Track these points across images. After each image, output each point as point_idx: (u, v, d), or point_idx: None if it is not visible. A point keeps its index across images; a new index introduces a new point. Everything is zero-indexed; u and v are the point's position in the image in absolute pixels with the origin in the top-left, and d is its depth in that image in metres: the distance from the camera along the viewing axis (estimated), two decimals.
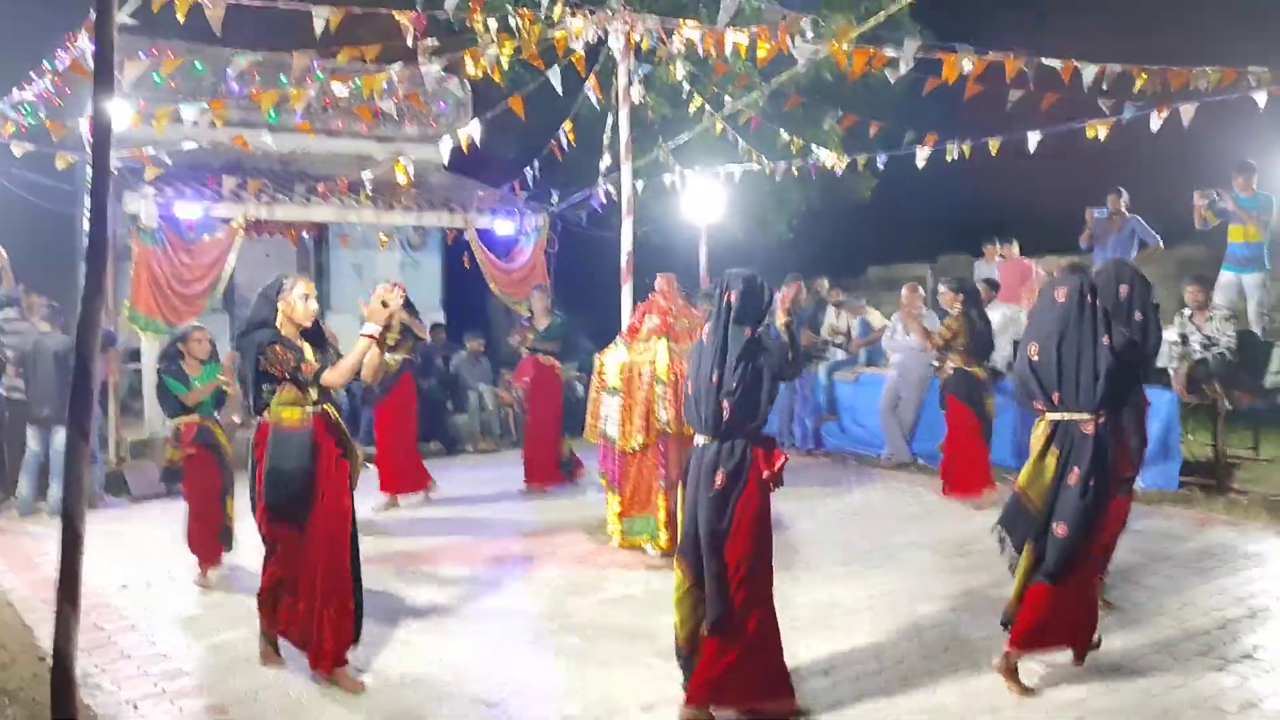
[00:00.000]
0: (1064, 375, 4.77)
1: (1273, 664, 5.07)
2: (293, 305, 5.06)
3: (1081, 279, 4.91)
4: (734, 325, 4.54)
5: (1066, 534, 4.70)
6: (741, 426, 4.48)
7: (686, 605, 4.55)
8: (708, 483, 4.46)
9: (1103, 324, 4.76)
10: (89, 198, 3.32)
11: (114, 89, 3.35)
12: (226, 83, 11.69)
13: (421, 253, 14.40)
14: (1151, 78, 7.85)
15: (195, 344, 7.10)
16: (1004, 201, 16.11)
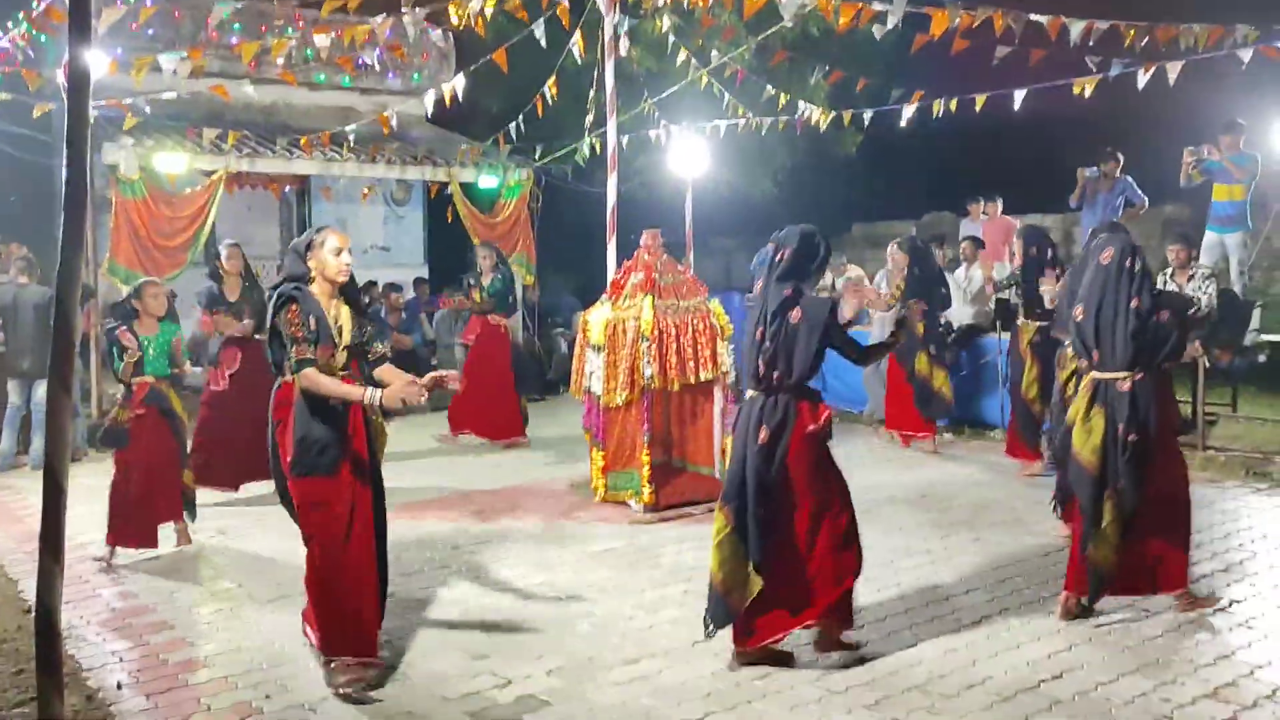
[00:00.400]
0: (1101, 335, 5.01)
1: (1248, 617, 5.15)
2: (324, 261, 4.60)
3: (1125, 241, 5.12)
4: (776, 283, 4.64)
5: (1125, 487, 4.94)
6: (781, 382, 4.58)
7: (726, 549, 4.65)
8: (754, 437, 4.59)
9: (1135, 286, 4.96)
10: (66, 148, 3.27)
11: (91, 36, 3.29)
12: (206, 32, 11.52)
13: (404, 206, 14.30)
14: (1138, 34, 7.80)
15: (151, 300, 6.46)
16: (989, 160, 16.12)
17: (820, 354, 4.59)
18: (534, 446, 9.92)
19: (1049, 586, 5.65)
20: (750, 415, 4.65)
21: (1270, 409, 9.20)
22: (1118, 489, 4.96)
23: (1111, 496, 4.99)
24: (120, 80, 8.59)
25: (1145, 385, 4.96)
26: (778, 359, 4.56)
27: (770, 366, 4.58)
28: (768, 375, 4.60)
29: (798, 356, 4.55)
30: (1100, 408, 5.03)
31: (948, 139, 14.85)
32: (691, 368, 7.36)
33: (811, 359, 4.56)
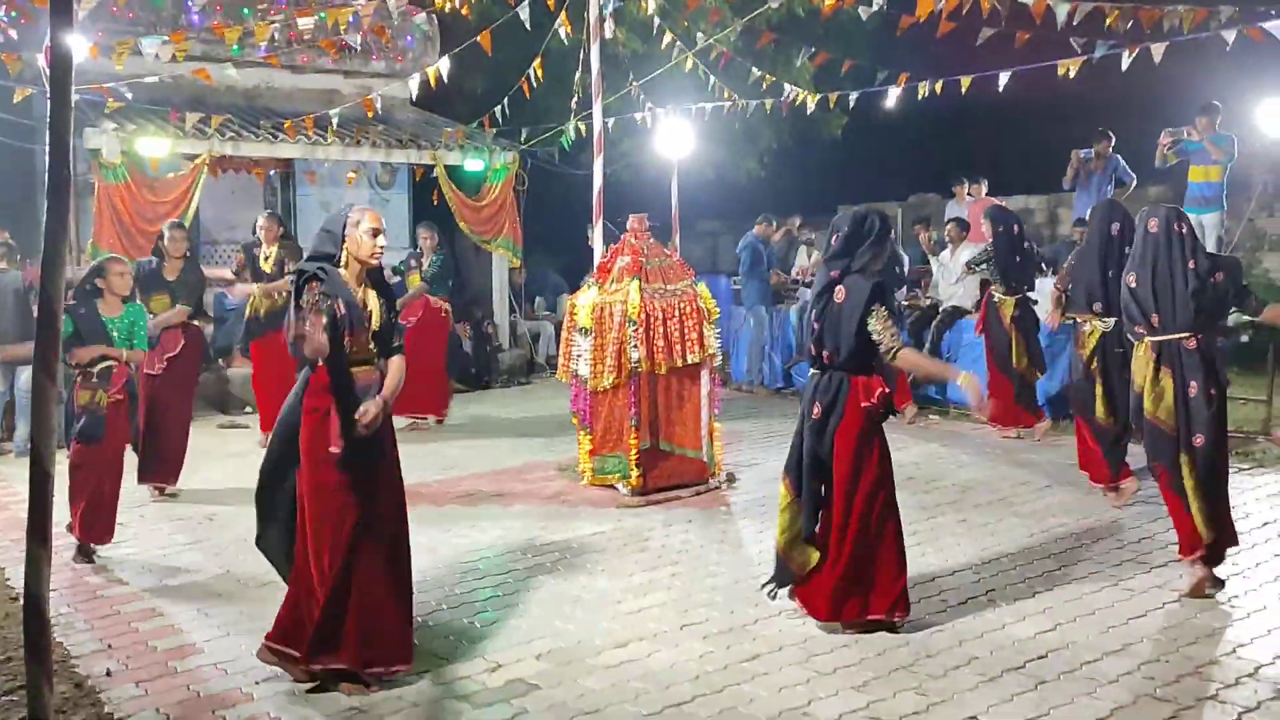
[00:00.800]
0: (1160, 299, 5.23)
1: (1229, 596, 5.20)
2: (358, 242, 4.38)
3: (1170, 211, 5.36)
4: (825, 264, 4.86)
5: (1203, 443, 5.14)
6: (833, 360, 4.75)
7: (786, 516, 4.91)
8: (808, 412, 4.84)
9: (1189, 250, 5.23)
10: (48, 134, 3.25)
11: (72, 20, 3.26)
12: (188, 15, 11.41)
13: (389, 190, 14.22)
14: (1123, 15, 7.81)
15: (116, 278, 6.15)
16: (975, 141, 16.15)
17: (862, 334, 4.68)
18: (521, 430, 9.92)
19: (1034, 567, 5.71)
20: (807, 392, 4.89)
21: (1253, 388, 9.26)
22: (1194, 446, 5.14)
23: (1188, 454, 5.16)
24: (101, 64, 8.51)
25: (1211, 343, 5.24)
26: (824, 338, 4.75)
27: (820, 346, 4.78)
28: (819, 354, 4.81)
29: (842, 336, 4.69)
30: (1167, 369, 5.22)
31: (933, 121, 14.87)
32: (679, 351, 7.36)
33: (854, 338, 4.67)
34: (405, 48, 13.48)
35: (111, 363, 6.08)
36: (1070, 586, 5.39)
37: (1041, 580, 5.49)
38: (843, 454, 4.74)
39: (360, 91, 12.25)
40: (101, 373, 6.06)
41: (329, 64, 12.92)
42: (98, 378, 6.06)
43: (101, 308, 6.12)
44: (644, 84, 11.48)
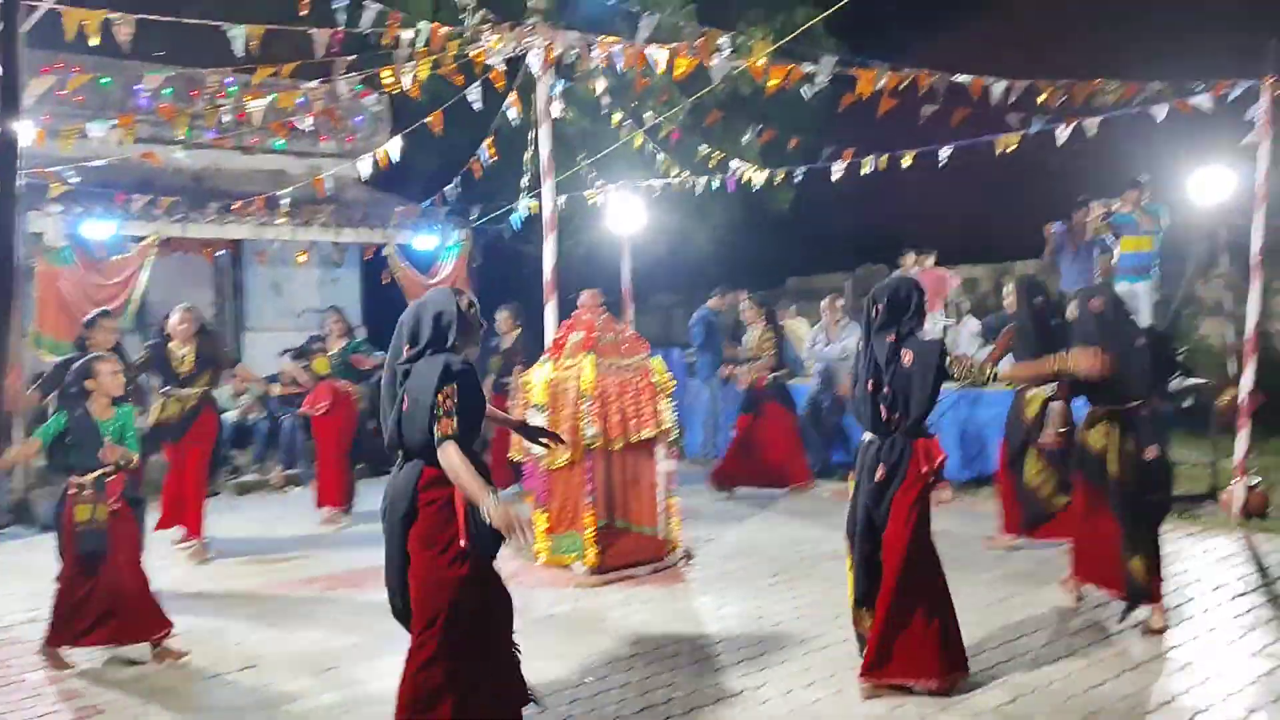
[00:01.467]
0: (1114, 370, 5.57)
1: (1185, 662, 5.23)
2: (474, 329, 4.31)
3: (1109, 291, 6.06)
4: (877, 333, 5.00)
5: (1156, 499, 5.75)
6: (899, 425, 4.93)
7: (851, 578, 5.11)
8: (870, 474, 4.97)
9: (1133, 328, 5.90)
10: None
11: (18, 110, 3.24)
12: (136, 99, 11.41)
13: (340, 269, 14.18)
14: (1056, 92, 8.07)
15: (108, 379, 5.74)
16: (920, 213, 16.45)
17: (935, 393, 4.92)
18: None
19: (996, 636, 5.70)
20: (867, 455, 5.04)
21: (1198, 452, 9.40)
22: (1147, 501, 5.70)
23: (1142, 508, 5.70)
24: (48, 148, 8.45)
25: (1155, 409, 5.81)
26: (895, 402, 4.91)
27: (891, 410, 4.92)
28: (889, 419, 4.94)
29: (914, 398, 4.89)
30: (1129, 434, 5.68)
31: (878, 194, 15.15)
32: (634, 426, 7.35)
33: (928, 399, 4.90)
34: (355, 127, 13.55)
35: (108, 470, 5.62)
36: (1027, 656, 5.38)
37: (999, 651, 5.48)
38: (899, 516, 4.90)
39: (310, 171, 12.27)
40: (96, 482, 5.59)
41: (279, 144, 12.94)
42: (93, 488, 5.59)
43: (93, 410, 5.69)
44: (594, 161, 11.61)
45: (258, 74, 7.48)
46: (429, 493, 4.12)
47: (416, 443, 4.12)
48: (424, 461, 4.13)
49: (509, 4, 9.80)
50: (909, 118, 8.72)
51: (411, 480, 4.15)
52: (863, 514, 5.00)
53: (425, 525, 4.12)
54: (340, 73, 7.69)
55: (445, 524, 4.09)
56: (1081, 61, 9.76)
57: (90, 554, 5.57)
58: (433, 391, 4.02)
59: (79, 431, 5.61)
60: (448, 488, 4.07)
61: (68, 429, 5.62)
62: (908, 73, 7.94)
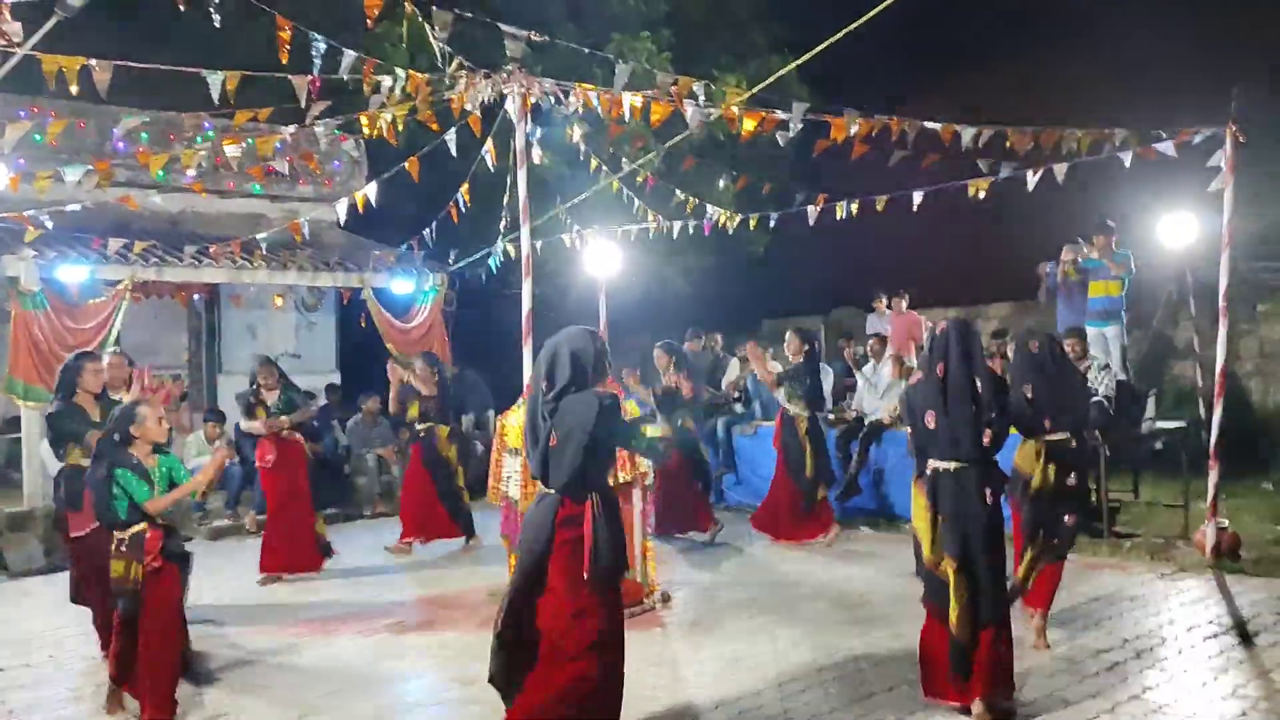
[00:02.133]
0: (1053, 406, 6.19)
1: (1160, 704, 5.24)
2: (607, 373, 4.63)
3: (1046, 335, 6.54)
4: (962, 364, 5.22)
5: (1074, 520, 6.31)
6: (996, 450, 5.27)
7: (967, 618, 5.12)
8: (976, 500, 5.14)
9: (1070, 368, 6.60)
10: None
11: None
12: (113, 142, 11.42)
13: (316, 313, 14.17)
14: (1024, 138, 8.21)
15: (153, 424, 5.35)
16: (893, 257, 16.64)
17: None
18: (450, 555, 9.73)
19: None
20: (960, 484, 5.17)
21: (1169, 494, 9.49)
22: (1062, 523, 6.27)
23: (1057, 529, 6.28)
24: (22, 192, 8.45)
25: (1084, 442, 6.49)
26: (1000, 431, 5.26)
27: (996, 437, 5.22)
28: (991, 445, 5.21)
29: (1003, 429, 5.34)
30: (1052, 462, 6.19)
31: (851, 238, 15.32)
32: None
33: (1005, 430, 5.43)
34: (332, 171, 13.60)
35: (143, 528, 5.26)
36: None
37: None
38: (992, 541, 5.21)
39: (287, 215, 12.29)
40: (132, 541, 5.24)
41: (256, 189, 12.96)
42: (128, 547, 5.24)
43: (138, 457, 5.32)
44: (571, 206, 11.69)
45: (236, 118, 7.49)
46: (564, 531, 4.38)
47: (562, 478, 4.38)
48: (565, 495, 4.40)
49: (486, 51, 9.92)
50: (881, 163, 8.86)
51: (550, 515, 4.41)
52: (982, 540, 5.12)
53: (563, 559, 4.37)
54: (317, 117, 7.72)
55: (580, 557, 4.34)
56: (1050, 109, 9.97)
57: (125, 614, 5.25)
58: (589, 427, 4.29)
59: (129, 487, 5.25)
60: (580, 525, 4.35)
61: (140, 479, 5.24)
62: (879, 120, 8.05)
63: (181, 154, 7.87)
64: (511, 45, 7.56)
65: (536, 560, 4.42)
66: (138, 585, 5.20)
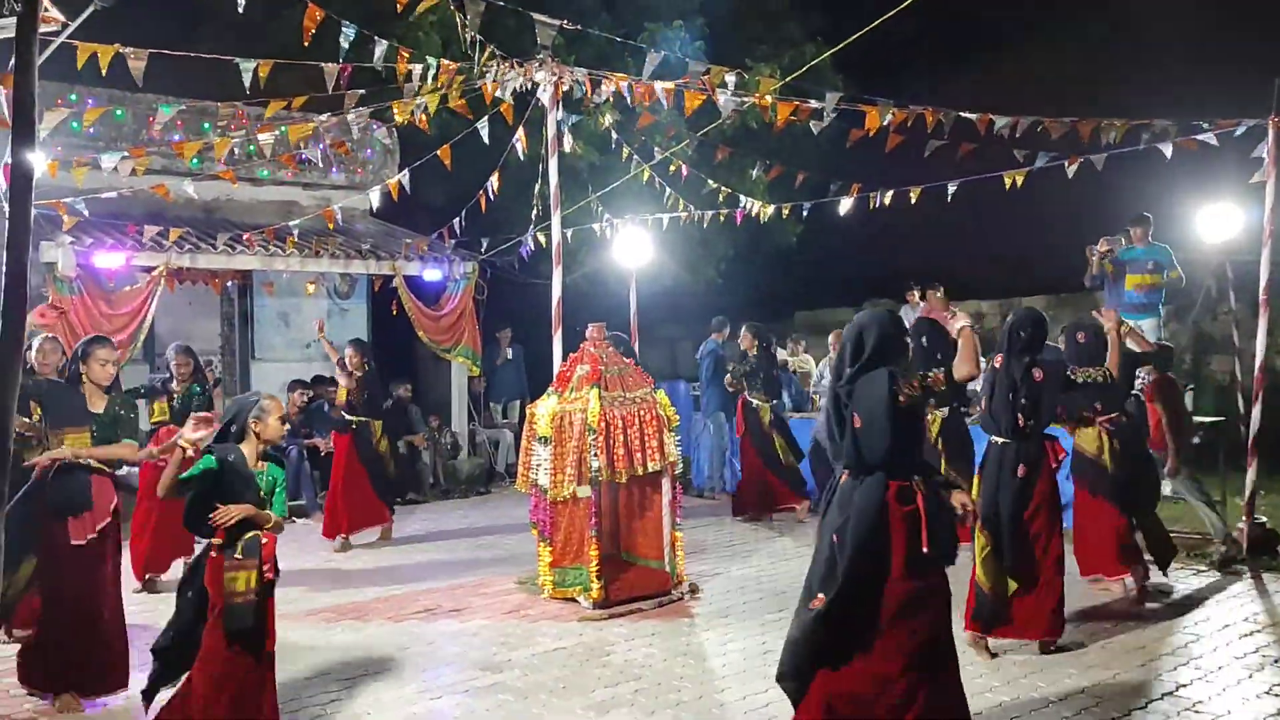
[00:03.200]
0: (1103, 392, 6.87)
1: (1194, 700, 5.18)
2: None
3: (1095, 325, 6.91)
4: (1018, 356, 6.08)
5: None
6: (1034, 430, 6.08)
7: (989, 565, 5.99)
8: (1011, 472, 6.03)
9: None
10: (7, 251, 3.24)
11: (34, 141, 3.28)
12: (149, 130, 11.51)
13: (348, 300, 14.24)
14: (1062, 128, 8.11)
15: (273, 424, 4.71)
16: (926, 248, 16.50)
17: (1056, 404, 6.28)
18: (480, 541, 9.77)
19: (997, 674, 5.65)
20: (1005, 456, 6.09)
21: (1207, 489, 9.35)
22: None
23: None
24: (61, 179, 8.52)
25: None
26: (1032, 411, 6.02)
27: (1028, 418, 6.02)
28: (1025, 425, 6.03)
29: (1044, 407, 6.09)
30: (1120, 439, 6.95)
31: (885, 228, 15.22)
32: (639, 459, 7.33)
33: (1054, 409, 6.27)
34: (365, 160, 13.64)
35: (257, 533, 4.58)
36: (1035, 693, 5.34)
37: (1006, 689, 5.43)
38: (1043, 502, 6.02)
39: (319, 203, 12.34)
40: (249, 545, 4.53)
41: (288, 176, 13.03)
42: (244, 553, 4.51)
43: (249, 457, 4.67)
44: (602, 195, 11.67)
45: (270, 107, 7.52)
46: (902, 506, 4.29)
47: (878, 457, 4.29)
48: (887, 475, 4.30)
49: (520, 39, 9.91)
50: (916, 153, 8.77)
51: (879, 494, 4.28)
52: (1010, 508, 5.97)
53: (903, 537, 4.27)
54: (351, 106, 7.73)
55: (917, 533, 4.28)
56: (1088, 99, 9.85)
57: (240, 632, 4.48)
58: (886, 400, 4.26)
59: (236, 482, 4.57)
60: (911, 501, 4.30)
61: (222, 476, 4.56)
62: (914, 109, 7.97)
63: (215, 142, 7.91)
64: (542, 32, 7.54)
65: (877, 541, 4.25)
66: (260, 598, 4.53)
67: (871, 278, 17.82)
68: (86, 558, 5.46)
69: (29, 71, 3.19)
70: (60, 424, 5.56)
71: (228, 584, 4.45)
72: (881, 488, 4.28)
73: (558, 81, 8.16)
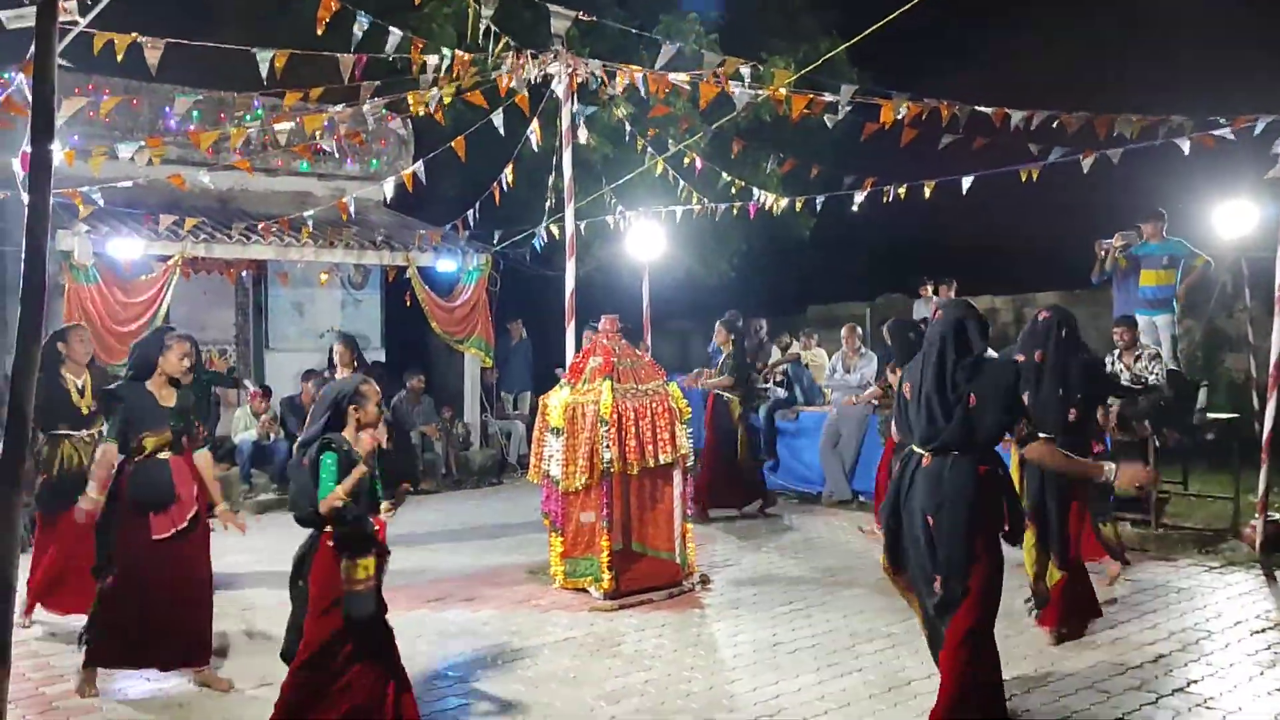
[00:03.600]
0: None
1: (1205, 697, 5.18)
2: None
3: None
4: (1064, 352, 6.19)
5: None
6: (1081, 426, 6.22)
7: (1036, 556, 6.30)
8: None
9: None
10: (25, 239, 3.27)
11: (53, 132, 3.31)
12: (165, 120, 11.56)
13: (362, 290, 14.28)
14: (1076, 121, 8.07)
15: (373, 408, 4.59)
16: (939, 242, 16.48)
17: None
18: (491, 531, 9.80)
19: (1009, 669, 5.65)
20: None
21: (1219, 486, 9.34)
22: None
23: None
24: (77, 168, 8.57)
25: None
26: (1082, 406, 6.20)
27: (1080, 413, 6.19)
28: (1075, 420, 6.17)
29: (1090, 403, 6.37)
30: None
31: (898, 223, 15.20)
32: (650, 451, 7.35)
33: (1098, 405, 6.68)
34: (379, 151, 13.67)
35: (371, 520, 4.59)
36: (1044, 687, 5.35)
37: (1018, 683, 5.44)
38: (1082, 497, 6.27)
39: (333, 193, 12.36)
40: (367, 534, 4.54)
41: (303, 166, 13.06)
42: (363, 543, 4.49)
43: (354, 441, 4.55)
44: (616, 187, 11.67)
45: (286, 98, 7.55)
46: (989, 487, 4.55)
47: (989, 436, 4.59)
48: (979, 458, 4.56)
49: (535, 31, 9.92)
50: (929, 147, 8.75)
51: (971, 473, 4.53)
52: (1059, 498, 6.16)
53: (990, 517, 4.57)
54: (366, 97, 7.75)
55: (999, 515, 4.59)
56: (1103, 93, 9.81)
57: (359, 619, 4.45)
58: (1011, 387, 4.58)
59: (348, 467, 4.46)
60: (994, 484, 4.57)
61: (340, 468, 4.43)
62: (929, 103, 7.95)
63: (231, 132, 7.94)
64: (558, 23, 7.54)
65: (965, 523, 4.50)
66: (378, 584, 4.55)
67: (884, 271, 17.82)
68: (170, 548, 5.47)
69: (49, 58, 3.21)
70: (140, 428, 5.49)
71: (348, 573, 4.39)
72: (972, 469, 4.53)
73: (572, 73, 8.16)
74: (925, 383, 4.64)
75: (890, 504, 4.81)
